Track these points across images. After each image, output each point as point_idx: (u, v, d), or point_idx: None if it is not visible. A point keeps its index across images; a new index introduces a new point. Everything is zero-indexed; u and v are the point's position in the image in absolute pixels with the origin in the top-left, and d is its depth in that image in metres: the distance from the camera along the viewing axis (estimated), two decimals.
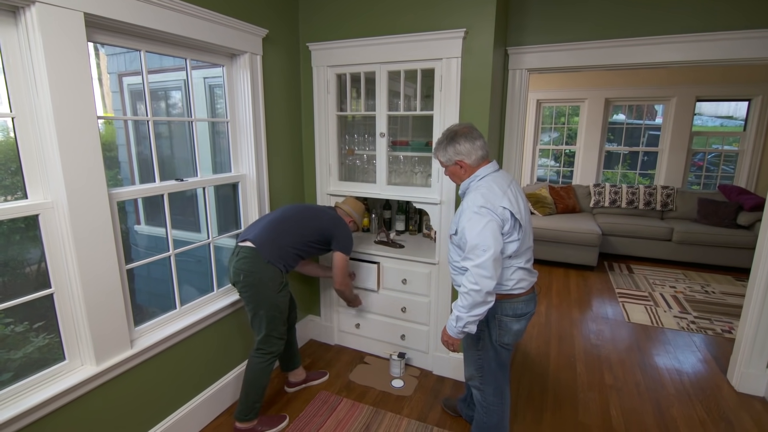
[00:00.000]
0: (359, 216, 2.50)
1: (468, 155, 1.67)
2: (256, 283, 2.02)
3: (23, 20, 1.37)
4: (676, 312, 3.69)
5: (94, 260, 1.60)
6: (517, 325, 1.70)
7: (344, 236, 2.29)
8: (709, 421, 2.31)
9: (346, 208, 2.46)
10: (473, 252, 1.53)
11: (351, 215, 2.45)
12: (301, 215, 2.24)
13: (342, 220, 2.34)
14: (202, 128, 3.11)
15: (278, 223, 2.16)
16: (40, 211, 1.48)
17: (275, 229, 2.13)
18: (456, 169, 1.73)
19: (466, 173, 1.72)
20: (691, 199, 5.17)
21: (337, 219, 2.33)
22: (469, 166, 1.69)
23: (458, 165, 1.71)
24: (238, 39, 2.18)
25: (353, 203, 2.50)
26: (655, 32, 2.43)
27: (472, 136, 1.68)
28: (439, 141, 1.76)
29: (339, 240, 2.27)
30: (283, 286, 2.09)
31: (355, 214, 2.46)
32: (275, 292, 2.05)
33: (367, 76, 2.57)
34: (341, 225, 2.31)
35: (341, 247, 2.28)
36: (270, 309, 2.06)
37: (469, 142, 1.66)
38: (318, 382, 2.61)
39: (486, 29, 2.21)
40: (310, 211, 2.30)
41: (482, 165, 1.70)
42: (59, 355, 1.63)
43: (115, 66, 3.47)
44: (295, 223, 2.19)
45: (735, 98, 5.40)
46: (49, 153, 1.46)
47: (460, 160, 1.69)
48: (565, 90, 5.94)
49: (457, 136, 1.68)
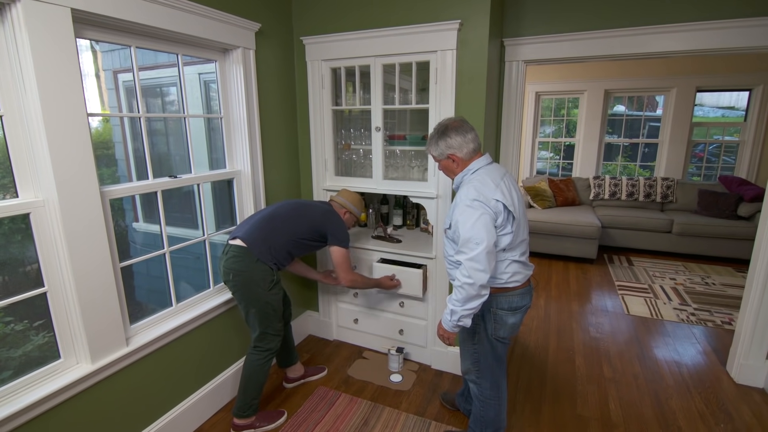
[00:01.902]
0: (356, 207, 2.40)
1: (459, 149, 1.66)
2: (246, 282, 2.00)
3: (9, 17, 1.36)
4: (676, 304, 3.68)
5: (86, 258, 1.59)
6: (513, 318, 1.69)
7: (338, 229, 2.22)
8: (708, 413, 2.31)
9: (340, 200, 2.38)
10: (466, 245, 1.52)
11: (346, 206, 2.37)
12: (292, 212, 2.19)
13: (335, 213, 2.28)
14: (198, 124, 3.09)
15: (269, 221, 2.12)
16: (31, 209, 1.47)
17: (266, 227, 2.09)
18: (449, 164, 1.72)
19: (458, 167, 1.70)
20: (692, 191, 5.14)
21: (330, 213, 2.27)
22: (462, 160, 1.68)
23: (450, 159, 1.70)
24: (230, 34, 2.16)
25: (348, 194, 2.42)
26: (654, 22, 2.40)
27: (463, 129, 1.66)
28: (430, 136, 1.75)
29: (334, 234, 2.21)
30: (273, 284, 2.06)
31: (350, 204, 2.38)
32: (266, 290, 2.03)
33: (362, 70, 2.55)
34: (334, 218, 2.24)
35: (337, 241, 2.21)
36: (262, 307, 2.04)
37: (460, 135, 1.65)
38: (316, 377, 2.61)
39: (481, 21, 2.19)
40: (302, 207, 2.24)
41: (474, 158, 1.69)
42: (57, 353, 1.63)
43: (110, 63, 3.45)
44: (286, 220, 2.15)
45: (735, 88, 5.35)
46: (39, 151, 1.45)
47: (452, 154, 1.68)
48: (565, 82, 5.89)
49: (447, 130, 1.67)
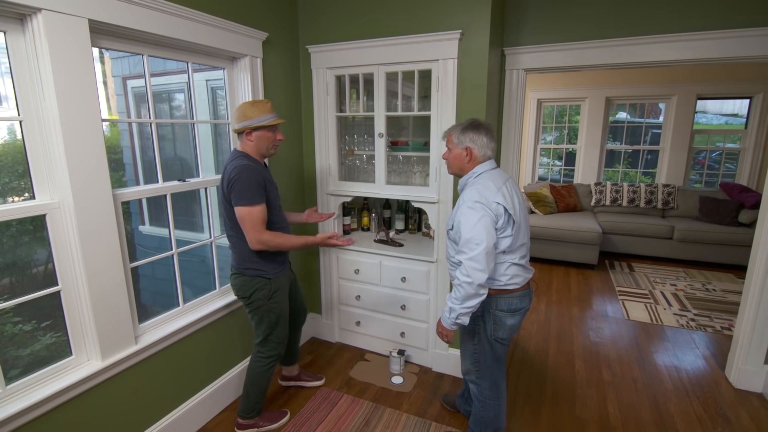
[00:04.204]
0: (254, 115, 1.82)
1: (480, 147, 1.73)
2: (246, 297, 2.00)
3: (30, 27, 1.43)
4: (676, 309, 3.70)
5: (98, 258, 1.65)
6: (512, 320, 1.74)
7: (236, 184, 1.77)
8: (706, 416, 2.33)
9: (236, 126, 1.85)
10: (467, 246, 1.58)
11: (245, 127, 1.82)
12: (220, 198, 1.92)
13: (238, 161, 1.81)
14: (205, 130, 3.16)
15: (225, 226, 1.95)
16: (47, 211, 1.53)
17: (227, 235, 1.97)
18: (460, 154, 1.75)
19: (467, 163, 1.75)
20: (693, 197, 5.17)
21: (232, 166, 1.81)
22: (474, 158, 1.74)
23: (466, 150, 1.74)
24: (238, 42, 2.23)
25: (239, 109, 1.85)
26: (653, 31, 2.44)
27: (492, 134, 1.75)
28: (458, 124, 1.81)
29: (233, 192, 1.78)
30: (272, 293, 2.01)
31: (246, 121, 1.82)
32: (266, 300, 2.01)
33: (366, 78, 2.61)
34: (233, 173, 1.78)
35: (235, 200, 1.78)
36: (265, 315, 2.03)
37: (488, 137, 1.73)
38: (310, 384, 2.57)
39: (482, 30, 2.25)
40: (219, 186, 1.91)
41: (481, 162, 1.75)
42: (66, 352, 1.69)
43: (119, 69, 3.54)
44: (223, 213, 1.91)
45: (736, 96, 5.39)
46: (56, 155, 1.51)
47: (471, 148, 1.73)
48: (566, 89, 5.95)
49: (481, 127, 1.74)
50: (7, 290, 2.06)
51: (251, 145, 1.88)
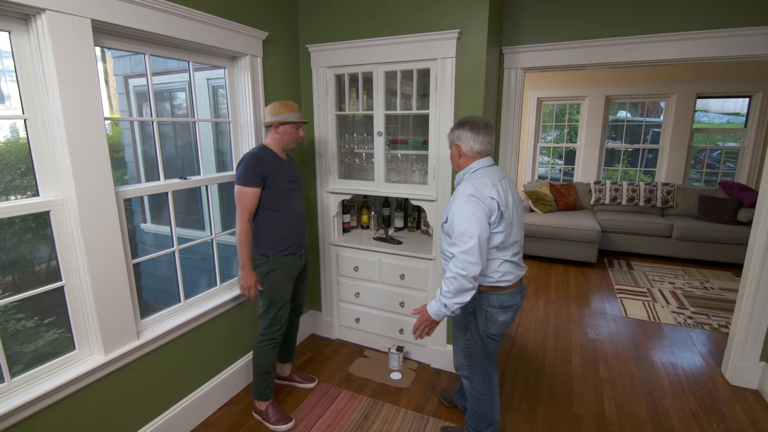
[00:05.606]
0: (280, 112, 2.09)
1: (465, 143, 1.76)
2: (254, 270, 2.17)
3: (34, 27, 1.45)
4: (674, 307, 3.72)
5: (102, 254, 1.68)
6: (503, 316, 1.76)
7: (240, 165, 2.05)
8: (702, 412, 2.35)
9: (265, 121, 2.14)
10: (460, 238, 1.60)
11: (271, 122, 2.10)
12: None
13: (252, 150, 2.10)
14: (206, 128, 3.19)
15: None
16: (51, 207, 1.56)
17: None
18: (453, 152, 1.84)
19: (461, 160, 1.80)
20: (692, 196, 5.19)
21: (246, 153, 2.10)
22: (464, 154, 1.78)
23: (456, 148, 1.81)
24: (238, 42, 2.25)
25: (269, 109, 2.14)
26: (651, 30, 2.46)
27: (479, 129, 1.76)
28: (455, 124, 1.88)
29: (236, 172, 2.07)
30: (268, 271, 2.14)
31: (272, 116, 2.10)
32: (263, 276, 2.14)
33: (365, 77, 2.64)
34: (245, 155, 2.07)
35: (235, 179, 2.05)
36: (264, 292, 2.16)
37: (473, 132, 1.75)
38: (302, 385, 2.56)
39: (479, 30, 2.27)
40: None
41: (477, 159, 1.78)
42: (69, 348, 1.72)
43: (121, 68, 3.57)
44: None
45: (735, 95, 5.40)
46: (59, 152, 1.54)
47: (458, 145, 1.79)
48: (566, 88, 5.96)
49: (465, 124, 1.78)
50: (10, 287, 2.09)
51: (276, 138, 2.13)
